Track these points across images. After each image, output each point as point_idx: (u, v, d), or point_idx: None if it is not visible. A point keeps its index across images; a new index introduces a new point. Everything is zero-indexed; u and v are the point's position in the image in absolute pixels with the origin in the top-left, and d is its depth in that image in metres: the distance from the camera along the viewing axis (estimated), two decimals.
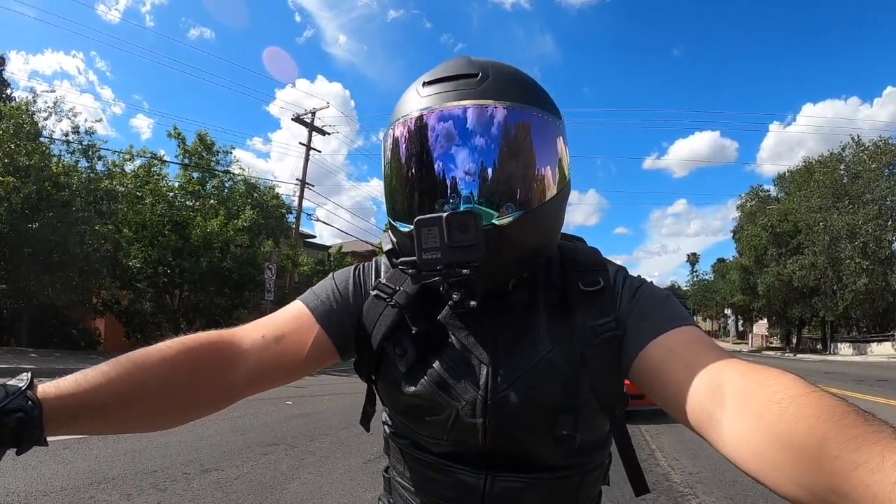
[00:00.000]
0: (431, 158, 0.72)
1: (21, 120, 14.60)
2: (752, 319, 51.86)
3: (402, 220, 0.76)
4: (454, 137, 0.71)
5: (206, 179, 19.76)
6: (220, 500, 3.74)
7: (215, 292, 19.01)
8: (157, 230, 17.42)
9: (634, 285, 0.80)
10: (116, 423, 0.67)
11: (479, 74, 0.73)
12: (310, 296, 0.85)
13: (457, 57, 0.78)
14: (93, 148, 16.77)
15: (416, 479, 0.86)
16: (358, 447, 5.46)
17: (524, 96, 0.74)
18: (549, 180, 0.75)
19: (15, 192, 13.46)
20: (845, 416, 0.46)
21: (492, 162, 0.71)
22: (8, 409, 0.55)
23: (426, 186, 0.73)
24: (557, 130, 0.77)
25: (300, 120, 24.34)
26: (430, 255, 0.67)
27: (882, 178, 29.23)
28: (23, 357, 12.33)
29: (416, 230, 0.67)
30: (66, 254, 14.72)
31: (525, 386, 0.75)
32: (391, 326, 0.80)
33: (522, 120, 0.72)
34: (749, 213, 39.08)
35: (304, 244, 28.14)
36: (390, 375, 0.81)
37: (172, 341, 0.71)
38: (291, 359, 0.79)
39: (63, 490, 3.68)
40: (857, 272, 28.36)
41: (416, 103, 0.74)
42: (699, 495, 4.17)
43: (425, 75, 0.76)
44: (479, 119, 0.71)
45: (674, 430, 6.74)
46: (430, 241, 0.67)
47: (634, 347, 0.72)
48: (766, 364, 0.61)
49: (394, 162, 0.76)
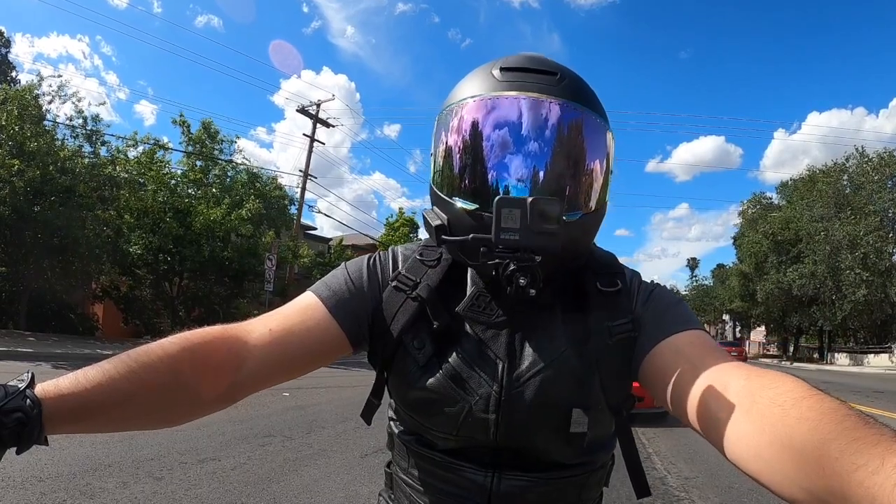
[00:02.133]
0: (518, 142, 0.73)
1: (26, 102, 14.57)
2: (749, 326, 51.95)
3: (463, 197, 0.75)
4: (544, 129, 0.73)
5: (208, 168, 19.73)
6: (216, 491, 3.74)
7: (215, 281, 19.02)
8: (159, 217, 17.41)
9: (649, 288, 0.82)
10: (119, 421, 0.66)
11: (559, 75, 0.75)
12: (321, 287, 0.82)
13: (530, 52, 0.79)
14: (97, 133, 16.74)
15: (421, 476, 0.85)
16: (355, 441, 5.46)
17: (595, 105, 0.77)
18: (605, 188, 0.79)
19: (19, 175, 13.42)
20: (846, 419, 0.47)
21: (570, 159, 0.74)
22: (7, 409, 0.55)
23: (508, 168, 0.74)
24: (611, 143, 0.80)
25: (305, 111, 24.32)
26: (508, 236, 0.66)
27: (885, 190, 29.22)
28: (21, 341, 12.34)
29: (497, 209, 0.66)
30: (68, 238, 14.68)
31: (540, 383, 0.75)
32: (411, 319, 0.79)
33: (597, 130, 0.76)
34: (750, 220, 39.03)
35: (305, 236, 28.14)
36: (405, 368, 0.80)
37: (175, 337, 0.69)
38: (302, 353, 0.77)
39: (59, 476, 3.68)
40: (856, 283, 28.35)
41: (493, 85, 0.75)
42: (695, 500, 4.18)
43: (500, 61, 0.78)
44: (567, 119, 0.73)
45: (671, 434, 6.76)
46: (511, 222, 0.66)
47: (644, 348, 0.74)
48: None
49: (469, 138, 0.76)
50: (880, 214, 29.01)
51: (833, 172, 32.07)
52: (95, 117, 16.75)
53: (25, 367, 0.50)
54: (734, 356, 0.67)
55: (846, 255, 28.77)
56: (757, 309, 39.50)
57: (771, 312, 37.89)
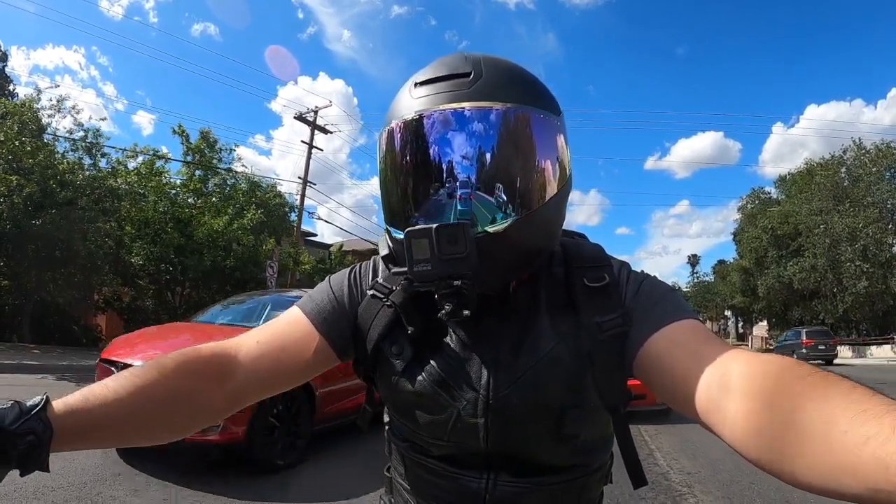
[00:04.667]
0: (423, 164, 0.71)
1: (25, 117, 14.63)
2: (752, 321, 51.84)
3: (396, 225, 0.75)
4: (446, 142, 0.69)
5: (207, 177, 19.78)
6: (231, 484, 3.81)
7: (217, 290, 19.05)
8: (160, 227, 17.45)
9: (638, 279, 0.79)
10: (125, 435, 0.69)
11: (472, 73, 0.70)
12: (306, 301, 0.85)
13: (450, 54, 0.76)
14: (97, 146, 16.83)
15: (416, 482, 0.85)
16: (373, 436, 5.50)
17: (520, 95, 0.71)
18: (549, 180, 0.73)
19: (18, 190, 13.46)
20: (852, 392, 0.46)
21: (486, 166, 0.69)
22: (21, 432, 0.55)
23: (418, 193, 0.72)
24: (556, 128, 0.74)
25: (303, 118, 24.35)
26: (422, 268, 0.67)
27: (883, 182, 29.24)
28: (25, 353, 12.35)
29: (407, 242, 0.67)
30: (69, 251, 14.74)
31: (529, 384, 0.74)
32: (387, 326, 0.79)
33: (518, 121, 0.70)
34: (750, 215, 39.05)
35: (305, 242, 28.14)
36: (388, 375, 0.80)
37: (171, 354, 0.72)
38: (290, 364, 0.79)
39: (69, 486, 3.73)
40: (856, 275, 28.34)
41: (408, 105, 0.72)
42: (697, 494, 4.24)
43: (417, 74, 0.74)
44: (472, 122, 0.69)
45: (672, 430, 6.81)
46: (421, 253, 0.66)
47: (637, 341, 0.72)
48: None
49: (387, 166, 0.75)
50: (879, 206, 28.99)
51: (831, 165, 32.06)
52: (96, 131, 16.87)
53: (33, 379, 0.49)
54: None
55: (846, 247, 28.76)
56: (758, 304, 39.42)
57: (773, 307, 37.82)
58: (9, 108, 14.88)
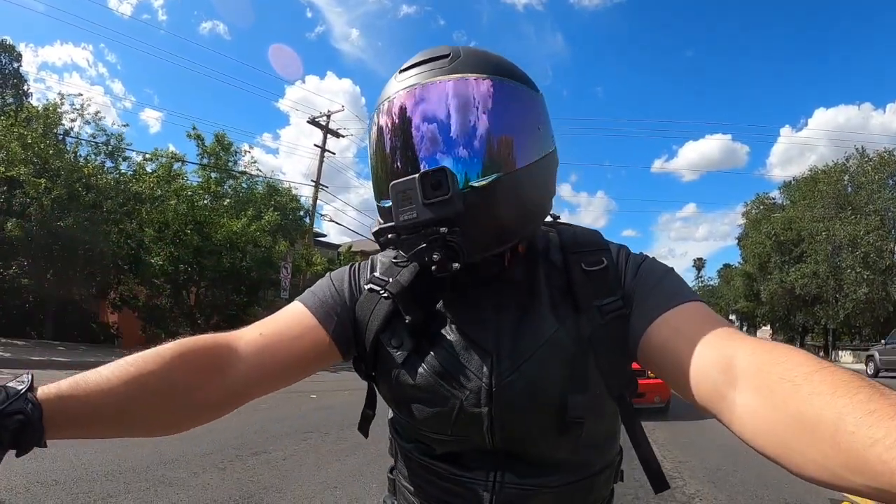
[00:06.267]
0: (407, 135, 0.72)
1: (50, 121, 15.14)
2: (755, 326, 52.00)
3: (381, 198, 0.76)
4: (427, 113, 0.71)
5: (223, 180, 20.33)
6: (275, 477, 4.25)
7: (232, 290, 19.51)
8: (179, 229, 17.96)
9: (637, 262, 0.79)
10: (117, 424, 0.67)
11: (451, 55, 0.73)
12: (308, 296, 0.84)
13: (430, 47, 0.78)
14: (118, 150, 17.36)
15: (421, 485, 0.84)
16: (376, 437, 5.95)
17: (496, 69, 0.73)
18: (528, 145, 0.74)
19: (46, 192, 13.92)
20: (860, 391, 0.45)
21: (467, 130, 0.70)
22: (8, 412, 0.55)
23: (403, 161, 0.73)
24: (533, 100, 0.76)
25: (315, 122, 24.87)
26: (407, 216, 0.66)
27: (885, 189, 29.49)
28: (52, 350, 12.76)
29: (393, 195, 0.67)
30: (92, 252, 15.17)
31: (531, 370, 0.73)
32: (385, 318, 0.79)
33: (494, 88, 0.72)
34: (754, 221, 39.29)
35: (315, 243, 28.66)
36: (389, 369, 0.79)
37: (170, 344, 0.71)
38: (291, 358, 0.78)
39: (135, 469, 4.12)
40: (857, 282, 28.62)
41: (392, 88, 0.74)
42: (686, 479, 4.79)
43: (403, 64, 0.77)
44: (451, 91, 0.71)
45: (669, 426, 7.37)
46: (406, 203, 0.66)
47: (640, 326, 0.71)
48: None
49: (376, 147, 0.76)
50: (880, 214, 29.26)
51: (834, 172, 32.32)
52: (119, 136, 17.41)
53: (65, 375, 0.64)
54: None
55: (847, 254, 29.07)
56: (762, 308, 39.64)
57: (776, 312, 38.03)
58: (32, 112, 15.42)
